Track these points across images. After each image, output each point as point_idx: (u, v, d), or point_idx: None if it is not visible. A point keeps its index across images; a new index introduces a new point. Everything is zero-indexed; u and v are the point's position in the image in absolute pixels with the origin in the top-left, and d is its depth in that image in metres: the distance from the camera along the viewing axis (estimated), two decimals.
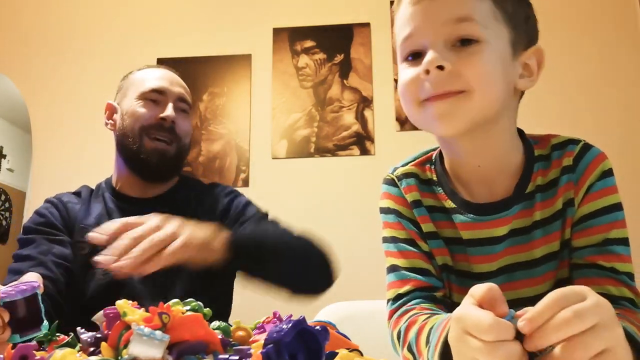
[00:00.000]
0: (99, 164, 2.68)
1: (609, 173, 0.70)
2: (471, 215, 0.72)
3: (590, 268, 0.66)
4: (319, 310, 1.24)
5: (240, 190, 2.65)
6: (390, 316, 0.76)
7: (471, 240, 0.73)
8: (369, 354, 0.46)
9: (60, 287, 1.06)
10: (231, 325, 0.53)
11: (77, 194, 1.27)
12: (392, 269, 0.80)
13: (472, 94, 0.64)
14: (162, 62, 2.76)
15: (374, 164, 2.53)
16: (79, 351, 0.47)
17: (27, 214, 2.92)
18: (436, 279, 0.75)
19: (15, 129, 5.15)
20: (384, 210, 0.83)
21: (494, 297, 0.45)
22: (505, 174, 0.72)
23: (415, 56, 0.68)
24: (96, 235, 0.86)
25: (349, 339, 0.50)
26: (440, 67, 0.63)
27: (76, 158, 2.71)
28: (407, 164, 0.83)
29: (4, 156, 5.10)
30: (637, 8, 2.55)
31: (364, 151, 2.55)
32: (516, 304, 0.48)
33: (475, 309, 0.45)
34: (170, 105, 1.20)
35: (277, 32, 2.75)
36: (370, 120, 2.58)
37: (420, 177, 0.80)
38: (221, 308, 1.20)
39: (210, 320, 0.56)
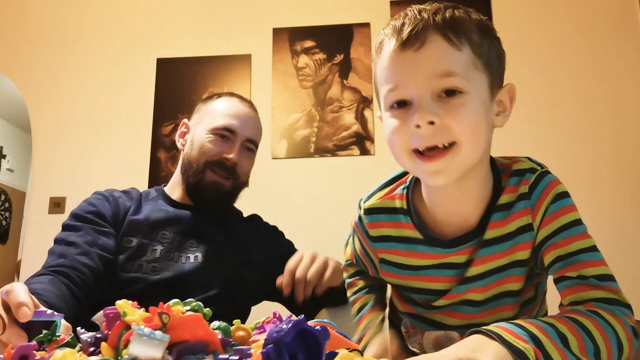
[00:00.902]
0: (99, 164, 2.68)
1: (562, 195, 0.73)
2: (437, 248, 0.78)
3: (561, 281, 0.69)
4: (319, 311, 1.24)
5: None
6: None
7: (430, 265, 0.79)
8: None
9: (99, 278, 1.09)
10: (231, 325, 0.53)
11: (126, 192, 1.29)
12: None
13: (461, 145, 0.68)
14: (162, 62, 2.76)
15: (374, 164, 2.53)
16: (79, 351, 0.47)
17: (27, 214, 2.92)
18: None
19: (15, 129, 5.15)
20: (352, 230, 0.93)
21: None
22: (476, 204, 0.76)
23: (400, 104, 0.70)
24: (283, 278, 1.11)
25: (349, 339, 0.50)
26: (431, 123, 0.67)
27: (76, 158, 2.71)
28: (376, 193, 0.88)
29: (4, 156, 5.10)
30: (637, 8, 2.55)
31: (364, 151, 2.55)
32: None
33: None
34: (237, 146, 1.26)
35: (277, 32, 2.75)
36: (370, 120, 2.58)
37: (389, 208, 0.84)
38: (248, 310, 1.27)
39: (232, 319, 0.56)
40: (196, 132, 1.29)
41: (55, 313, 0.61)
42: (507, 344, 0.54)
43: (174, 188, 1.32)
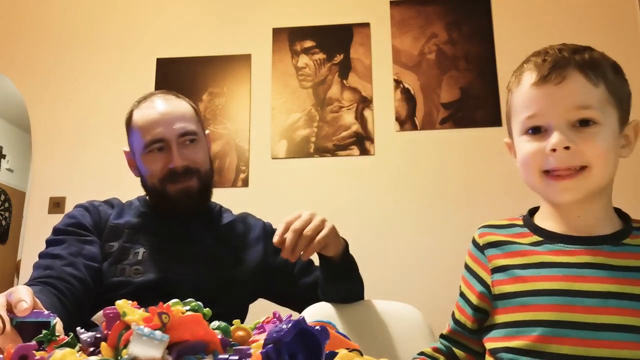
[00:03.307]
0: (99, 164, 2.68)
1: None
2: (561, 244, 0.80)
3: None
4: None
5: (240, 190, 2.66)
6: None
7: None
8: None
9: (87, 287, 1.08)
10: (231, 325, 0.53)
11: (107, 201, 1.28)
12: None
13: (592, 170, 0.76)
14: (162, 62, 2.76)
15: (374, 164, 2.53)
16: (78, 351, 0.47)
17: (27, 214, 2.92)
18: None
19: (15, 129, 5.15)
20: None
21: None
22: (602, 226, 0.80)
23: (535, 130, 0.79)
24: (278, 229, 1.04)
25: (348, 339, 0.50)
26: (567, 148, 0.75)
27: (76, 158, 2.71)
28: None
29: (4, 156, 5.09)
30: (637, 8, 2.55)
31: (364, 151, 2.55)
32: None
33: None
34: (174, 149, 1.18)
35: (276, 32, 2.75)
36: (369, 120, 2.58)
37: (504, 224, 0.89)
38: (244, 310, 1.26)
39: (232, 318, 0.56)
40: (137, 159, 1.24)
41: (51, 314, 0.61)
42: None
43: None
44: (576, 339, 0.72)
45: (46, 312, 0.63)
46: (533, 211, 0.88)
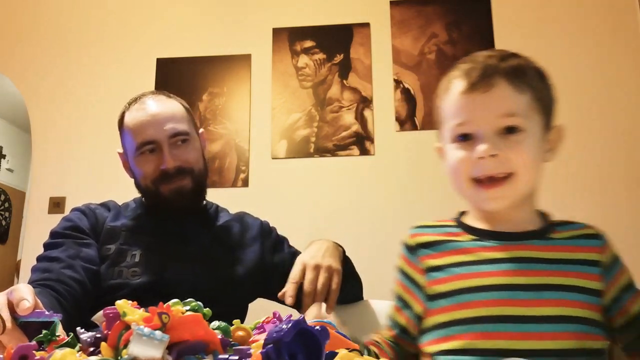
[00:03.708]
0: (99, 164, 2.68)
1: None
2: (493, 241, 0.83)
3: None
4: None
5: (240, 190, 2.66)
6: None
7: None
8: None
9: (86, 289, 1.08)
10: (231, 325, 0.53)
11: (103, 204, 1.28)
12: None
13: (518, 177, 0.78)
14: (162, 62, 2.76)
15: (374, 164, 2.53)
16: (78, 351, 0.47)
17: (27, 214, 2.92)
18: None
19: (15, 129, 5.15)
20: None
21: None
22: (529, 224, 0.84)
23: (464, 137, 0.80)
24: (287, 290, 1.08)
25: (348, 339, 0.50)
26: (493, 155, 0.77)
27: (76, 158, 2.71)
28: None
29: (4, 156, 5.09)
30: (637, 8, 2.55)
31: (364, 151, 2.55)
32: None
33: None
34: (165, 150, 1.18)
35: (276, 32, 2.75)
36: (369, 120, 2.58)
37: (436, 225, 0.91)
38: (244, 310, 1.26)
39: (231, 318, 0.56)
40: (130, 161, 1.24)
41: (55, 314, 0.61)
42: None
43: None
44: (516, 333, 0.74)
45: (47, 312, 0.63)
46: (462, 213, 0.90)
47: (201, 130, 1.33)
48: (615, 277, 0.79)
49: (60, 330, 0.57)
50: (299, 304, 1.07)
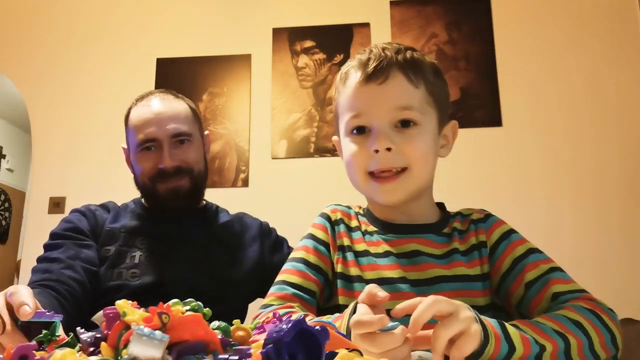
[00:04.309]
0: (99, 164, 2.68)
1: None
2: (391, 234, 0.84)
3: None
4: None
5: (240, 190, 2.66)
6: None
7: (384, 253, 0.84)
8: None
9: (86, 290, 1.09)
10: (231, 325, 0.53)
11: (103, 205, 1.29)
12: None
13: (412, 171, 0.79)
14: (162, 62, 2.77)
15: None
16: (78, 351, 0.47)
17: (27, 214, 2.92)
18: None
19: (15, 129, 5.15)
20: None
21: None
22: (426, 217, 0.86)
23: (359, 130, 0.80)
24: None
25: (348, 339, 0.50)
26: (388, 149, 0.76)
27: (76, 158, 2.71)
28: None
29: (4, 156, 5.09)
30: (637, 8, 2.55)
31: None
32: None
33: (360, 307, 0.59)
34: (165, 149, 1.19)
35: (276, 32, 2.75)
36: None
37: (345, 207, 0.93)
38: (244, 310, 1.27)
39: (231, 318, 0.56)
40: (131, 156, 1.26)
41: (55, 314, 0.61)
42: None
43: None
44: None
45: (49, 312, 0.63)
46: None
47: (206, 132, 1.34)
48: (503, 253, 0.80)
49: (60, 331, 0.57)
50: None
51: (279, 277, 0.85)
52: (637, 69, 2.48)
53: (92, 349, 0.47)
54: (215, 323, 0.51)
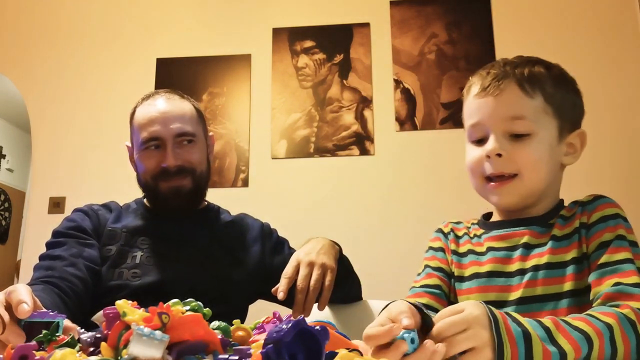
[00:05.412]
0: (99, 164, 2.68)
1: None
2: (495, 231, 0.90)
3: None
4: None
5: (240, 190, 2.66)
6: None
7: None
8: None
9: (88, 287, 1.10)
10: (231, 325, 0.53)
11: (105, 205, 1.29)
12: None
13: (523, 177, 0.84)
14: (162, 62, 2.76)
15: (374, 164, 2.53)
16: (78, 351, 0.47)
17: (27, 214, 2.92)
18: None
19: (15, 129, 5.15)
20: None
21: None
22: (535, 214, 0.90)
23: (479, 139, 0.87)
24: (279, 285, 1.06)
25: (348, 339, 0.50)
26: (499, 155, 0.83)
27: (76, 158, 2.71)
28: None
29: (4, 156, 5.09)
30: (637, 8, 2.55)
31: (364, 151, 2.55)
32: None
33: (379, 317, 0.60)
34: (169, 150, 1.19)
35: (276, 32, 2.75)
36: (369, 120, 2.58)
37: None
38: (244, 310, 1.27)
39: (231, 318, 0.56)
40: (135, 154, 1.26)
41: (58, 314, 0.61)
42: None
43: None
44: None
45: (51, 312, 0.63)
46: (488, 216, 0.97)
47: (211, 133, 1.34)
48: (594, 236, 0.81)
49: (70, 328, 0.57)
50: (291, 300, 1.07)
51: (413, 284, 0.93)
52: (637, 69, 2.48)
53: (92, 349, 0.47)
54: (215, 323, 0.51)
